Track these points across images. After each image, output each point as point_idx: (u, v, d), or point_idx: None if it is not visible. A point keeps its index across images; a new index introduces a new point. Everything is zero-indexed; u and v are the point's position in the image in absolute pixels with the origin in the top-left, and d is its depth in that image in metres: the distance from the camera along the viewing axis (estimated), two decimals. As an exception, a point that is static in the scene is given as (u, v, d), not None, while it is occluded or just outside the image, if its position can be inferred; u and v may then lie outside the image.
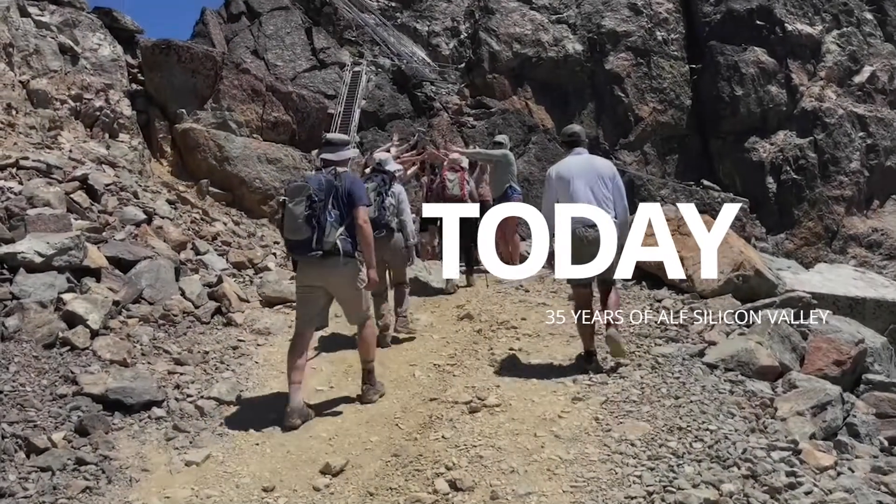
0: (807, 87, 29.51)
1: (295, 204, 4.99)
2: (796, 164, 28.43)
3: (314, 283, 5.32)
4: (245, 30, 27.17)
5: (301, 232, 5.02)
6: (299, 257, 5.23)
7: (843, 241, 28.14)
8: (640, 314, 7.39)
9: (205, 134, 13.88)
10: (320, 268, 5.19)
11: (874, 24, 31.31)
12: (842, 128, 29.02)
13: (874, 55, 30.56)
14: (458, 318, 7.65)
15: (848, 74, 30.09)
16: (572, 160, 6.07)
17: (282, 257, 10.20)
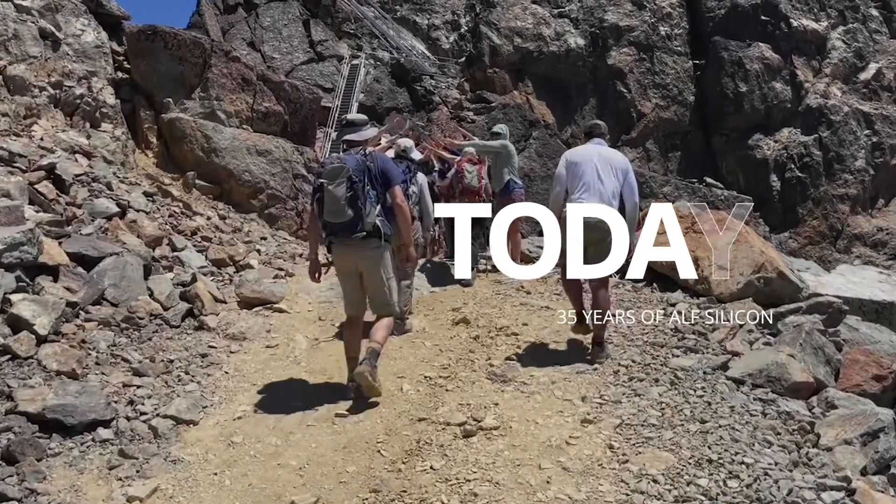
0: (812, 83, 28.68)
1: (336, 186, 4.81)
2: (801, 161, 27.62)
3: (350, 268, 5.14)
4: (241, 21, 26.39)
5: (344, 214, 4.84)
6: (341, 240, 5.01)
7: (848, 240, 27.35)
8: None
9: (192, 124, 13.07)
10: (359, 249, 5.01)
11: (880, 21, 30.45)
12: (847, 125, 28.20)
13: (880, 52, 29.72)
14: (454, 322, 6.89)
15: (853, 71, 29.26)
16: (588, 147, 5.99)
17: (265, 254, 9.45)
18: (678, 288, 7.74)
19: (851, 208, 27.77)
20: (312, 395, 5.34)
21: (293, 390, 5.46)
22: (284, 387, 5.53)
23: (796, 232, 27.14)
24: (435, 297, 8.12)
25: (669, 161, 28.11)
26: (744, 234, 7.62)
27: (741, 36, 28.45)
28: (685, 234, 8.04)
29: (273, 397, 5.33)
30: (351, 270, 5.17)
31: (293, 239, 12.25)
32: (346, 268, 5.20)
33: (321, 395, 5.33)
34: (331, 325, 6.99)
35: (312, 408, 5.10)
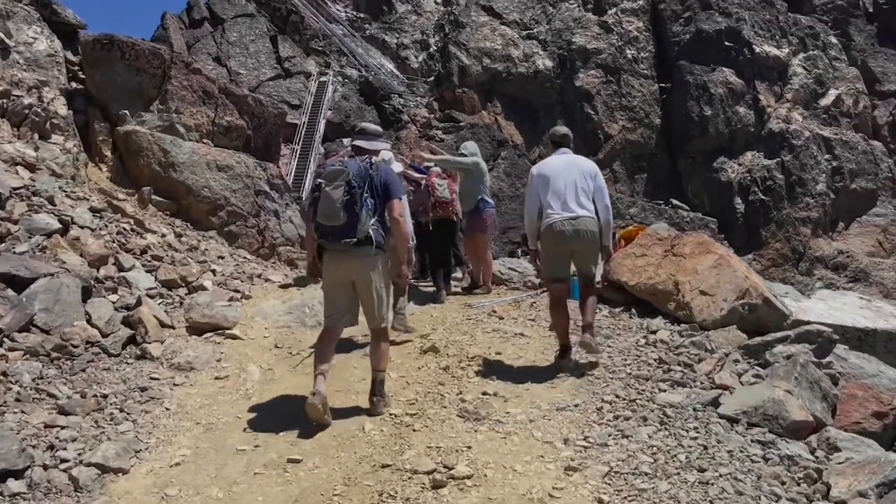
0: (774, 108, 28.86)
1: (333, 188, 4.65)
2: (764, 184, 27.68)
3: (341, 275, 4.90)
4: (207, 36, 25.68)
5: (337, 217, 4.66)
6: (331, 245, 4.81)
7: (810, 262, 27.40)
8: (632, 348, 6.13)
9: (148, 137, 12.33)
10: (350, 257, 4.81)
11: (839, 49, 30.84)
12: (808, 150, 28.38)
13: (839, 79, 30.06)
14: (422, 350, 6.29)
15: (814, 97, 29.54)
16: (555, 159, 5.85)
17: (221, 274, 8.76)
18: (658, 313, 7.27)
19: (813, 231, 27.87)
20: (263, 436, 4.70)
21: (241, 430, 4.81)
22: (232, 426, 4.89)
23: (760, 254, 27.11)
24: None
25: (636, 183, 27.95)
26: (726, 257, 7.19)
27: (706, 61, 28.55)
28: (664, 257, 7.63)
29: (218, 439, 4.68)
30: (341, 279, 4.91)
31: (253, 258, 11.56)
32: (336, 276, 4.93)
33: (273, 436, 4.69)
34: (287, 353, 6.36)
35: (262, 452, 4.46)
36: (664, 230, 7.85)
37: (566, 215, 5.50)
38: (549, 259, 5.80)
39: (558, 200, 5.53)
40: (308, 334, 6.96)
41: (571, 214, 5.50)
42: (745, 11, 29.48)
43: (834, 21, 31.81)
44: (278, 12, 27.63)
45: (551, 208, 5.56)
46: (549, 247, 5.71)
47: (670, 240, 7.66)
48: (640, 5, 29.38)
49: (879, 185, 28.98)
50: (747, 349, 6.24)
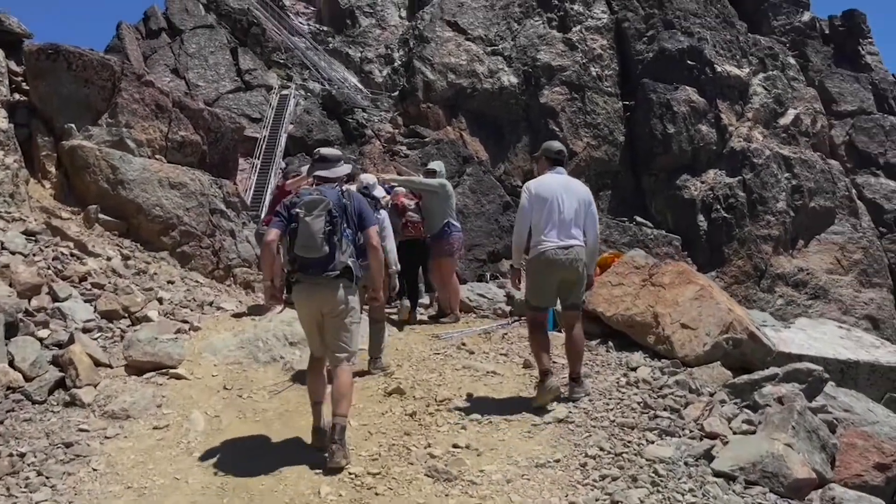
0: (735, 127, 28.98)
1: (314, 218, 4.41)
2: (726, 202, 27.71)
3: (315, 308, 4.60)
4: (165, 47, 24.89)
5: (318, 249, 4.42)
6: (310, 278, 4.52)
7: (771, 279, 27.46)
8: (613, 389, 5.65)
9: (96, 153, 11.57)
10: (327, 290, 4.53)
11: (797, 69, 31.18)
12: (769, 168, 28.53)
13: (798, 98, 30.35)
14: (385, 392, 5.73)
15: (773, 116, 29.75)
16: (552, 179, 5.52)
17: (170, 302, 8.08)
18: (636, 346, 6.83)
19: (774, 249, 27.95)
20: (203, 501, 4.09)
21: (180, 495, 4.19)
22: (169, 490, 4.26)
23: (723, 271, 27.07)
24: (364, 355, 6.93)
25: (601, 200, 27.72)
26: (707, 288, 6.77)
27: (669, 79, 28.57)
28: (642, 286, 7.19)
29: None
30: (314, 312, 4.62)
31: (206, 281, 10.87)
32: (309, 310, 4.64)
33: (216, 501, 4.08)
34: (237, 395, 5.73)
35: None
36: (641, 258, 7.43)
37: (560, 244, 5.26)
38: (537, 287, 5.47)
39: (553, 227, 5.27)
40: (261, 372, 6.36)
41: (565, 244, 5.27)
42: (707, 31, 29.62)
43: (792, 42, 32.18)
44: (239, 24, 26.93)
45: (545, 234, 5.28)
46: (539, 275, 5.41)
47: (648, 268, 7.24)
48: (604, 23, 29.32)
49: (837, 203, 29.23)
50: (733, 388, 5.81)
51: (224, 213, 12.56)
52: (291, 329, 7.01)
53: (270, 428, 5.13)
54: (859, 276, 28.26)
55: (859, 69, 32.22)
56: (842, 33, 32.96)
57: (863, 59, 32.44)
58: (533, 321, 5.54)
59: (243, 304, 9.13)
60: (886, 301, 28.01)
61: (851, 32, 32.85)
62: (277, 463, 4.45)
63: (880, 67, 32.66)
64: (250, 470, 4.35)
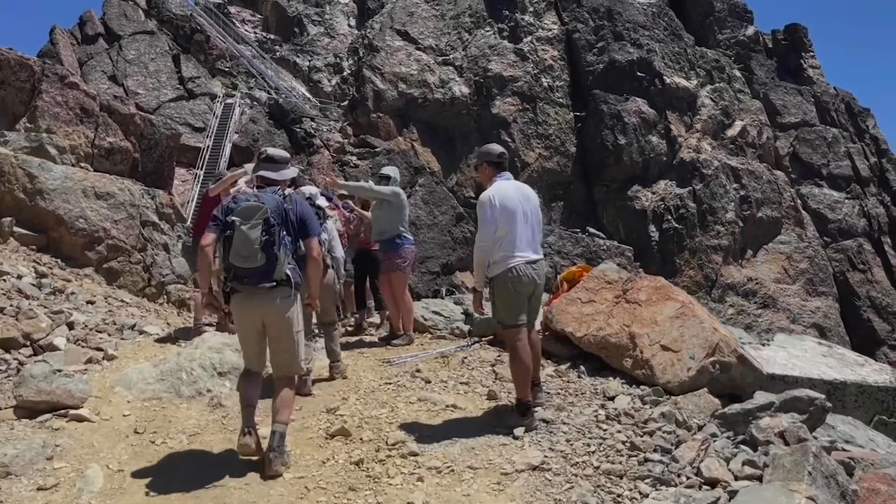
0: (685, 138, 28.84)
1: (250, 227, 4.16)
2: (677, 213, 27.47)
3: (254, 321, 4.37)
4: (102, 53, 23.49)
5: (255, 259, 4.18)
6: (246, 287, 4.27)
7: (722, 289, 27.27)
8: (592, 425, 4.84)
9: (11, 160, 10.38)
10: (266, 299, 4.29)
11: (743, 82, 31.29)
12: (717, 179, 28.43)
13: (744, 111, 30.42)
14: (328, 433, 4.81)
15: (721, 128, 29.73)
16: (511, 187, 4.98)
17: (84, 326, 7.01)
18: (611, 371, 6.06)
19: (724, 259, 27.80)
20: None
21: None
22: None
23: (675, 281, 26.60)
24: (323, 362, 6.02)
25: (553, 211, 27.21)
26: (689, 305, 6.05)
27: (619, 90, 28.29)
28: (616, 304, 6.43)
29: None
30: (254, 323, 4.38)
31: (135, 300, 9.76)
32: (248, 320, 4.39)
33: None
34: (149, 442, 4.73)
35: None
36: (613, 272, 6.67)
37: (528, 258, 4.85)
38: (510, 302, 4.86)
39: (521, 240, 4.84)
40: (182, 410, 5.37)
41: (532, 258, 4.89)
42: (656, 43, 29.47)
43: (737, 55, 32.32)
44: (181, 31, 25.66)
45: (513, 249, 4.82)
46: (510, 291, 4.84)
47: (622, 283, 6.49)
48: (554, 34, 28.92)
49: (783, 213, 29.30)
50: (724, 420, 5.08)
51: (157, 225, 11.47)
52: (220, 357, 6.05)
53: (186, 484, 4.16)
54: (806, 285, 28.31)
55: (802, 82, 32.53)
56: (785, 47, 33.28)
57: (805, 73, 32.78)
58: (515, 343, 4.83)
59: (171, 325, 8.09)
60: (832, 310, 28.10)
61: (794, 46, 33.20)
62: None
63: (822, 80, 33.04)
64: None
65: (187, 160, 21.31)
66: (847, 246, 29.68)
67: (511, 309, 4.83)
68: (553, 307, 6.71)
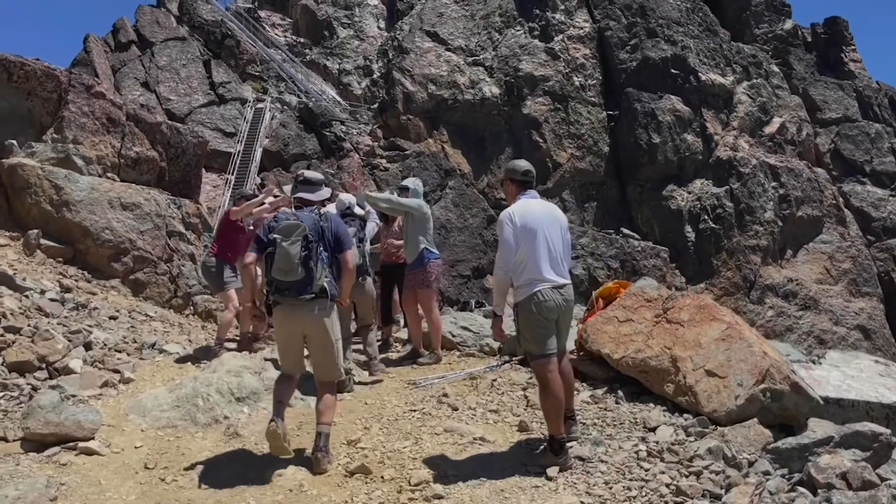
0: (721, 136, 28.02)
1: (290, 243, 4.50)
2: (714, 212, 26.69)
3: (294, 330, 4.69)
4: (135, 60, 23.54)
5: (295, 273, 4.51)
6: (287, 300, 4.59)
7: (761, 291, 26.43)
8: (632, 463, 4.43)
9: (38, 172, 10.27)
10: (306, 311, 4.60)
11: (781, 77, 30.33)
12: (755, 177, 27.57)
13: (783, 107, 29.47)
14: (347, 470, 4.47)
15: (759, 125, 28.83)
16: (535, 206, 4.69)
17: (102, 345, 6.79)
18: (650, 396, 5.64)
19: (762, 259, 26.96)
20: None
21: None
22: None
23: (712, 283, 26.03)
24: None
25: (586, 212, 26.67)
26: (735, 326, 5.59)
27: (653, 88, 27.60)
28: (655, 323, 6.00)
29: None
30: (295, 333, 4.70)
31: (159, 313, 9.55)
32: (289, 330, 4.71)
33: None
34: (159, 480, 4.44)
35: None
36: (652, 289, 6.24)
37: (554, 282, 4.51)
38: (537, 330, 4.49)
39: (545, 263, 4.50)
40: (197, 440, 5.09)
41: (559, 283, 4.54)
42: (690, 39, 28.70)
43: (774, 50, 31.36)
44: (212, 36, 25.64)
45: (537, 272, 4.48)
46: (536, 318, 4.48)
47: (662, 301, 6.05)
48: (586, 32, 28.33)
49: (824, 212, 28.33)
50: (778, 455, 4.64)
51: (183, 235, 11.28)
52: (239, 381, 5.76)
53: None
54: (849, 285, 27.32)
55: (843, 76, 31.42)
56: (825, 41, 32.19)
57: (846, 67, 31.67)
58: (545, 375, 4.44)
59: (193, 343, 7.85)
60: (877, 311, 27.08)
61: (834, 40, 32.10)
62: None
63: (864, 74, 31.90)
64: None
65: (218, 165, 21.25)
66: (892, 245, 28.57)
67: (538, 338, 4.44)
68: (588, 325, 6.31)
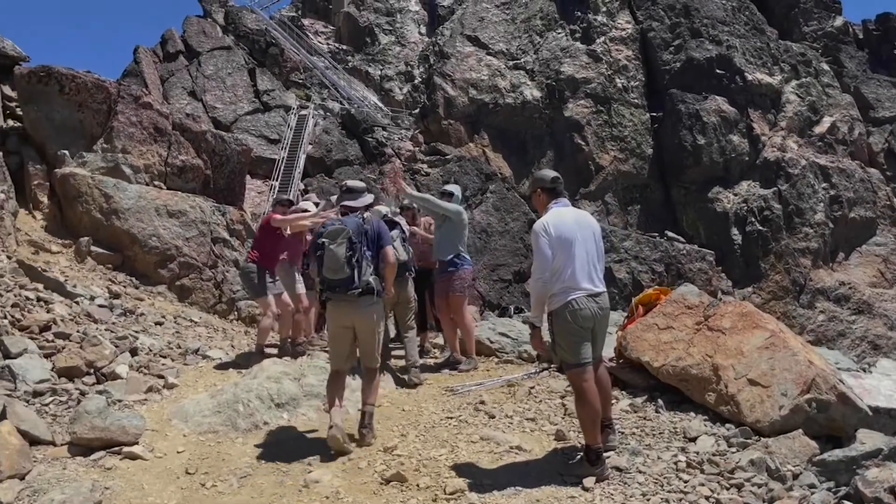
0: (768, 136, 27.39)
1: (337, 245, 5.03)
2: (761, 214, 26.09)
3: (345, 323, 5.22)
4: (182, 69, 24.08)
5: (342, 271, 5.03)
6: (337, 296, 5.12)
7: (811, 294, 25.72)
8: (671, 474, 4.34)
9: (88, 181, 10.59)
10: (354, 306, 5.13)
11: (831, 76, 29.52)
12: (805, 178, 26.88)
13: (833, 106, 28.67)
14: (383, 478, 4.48)
15: (808, 125, 28.10)
16: (568, 215, 4.64)
17: (148, 351, 6.95)
18: (691, 405, 5.52)
19: (813, 262, 26.25)
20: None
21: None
22: None
23: (759, 287, 25.44)
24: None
25: (629, 214, 26.34)
26: (779, 335, 5.43)
27: (697, 89, 27.15)
28: (696, 331, 5.88)
29: None
30: (345, 325, 5.22)
31: (204, 318, 9.75)
32: (340, 323, 5.23)
33: None
34: (199, 485, 4.51)
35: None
36: (694, 296, 6.11)
37: (589, 291, 4.46)
38: (572, 339, 4.43)
39: (581, 272, 4.46)
40: (238, 445, 5.16)
41: (594, 291, 4.49)
42: (736, 39, 28.13)
43: (824, 48, 30.55)
44: (257, 45, 26.10)
45: (574, 281, 4.44)
46: (571, 326, 4.42)
47: (703, 309, 5.93)
48: (628, 34, 28.01)
49: (878, 213, 27.47)
50: (824, 468, 4.50)
51: (227, 241, 11.50)
52: (279, 388, 5.83)
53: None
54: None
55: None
56: (877, 37, 31.21)
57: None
58: (581, 384, 4.37)
59: (235, 348, 7.97)
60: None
61: (887, 36, 31.09)
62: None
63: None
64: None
65: (263, 172, 21.60)
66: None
67: (573, 346, 4.39)
68: (628, 333, 6.22)
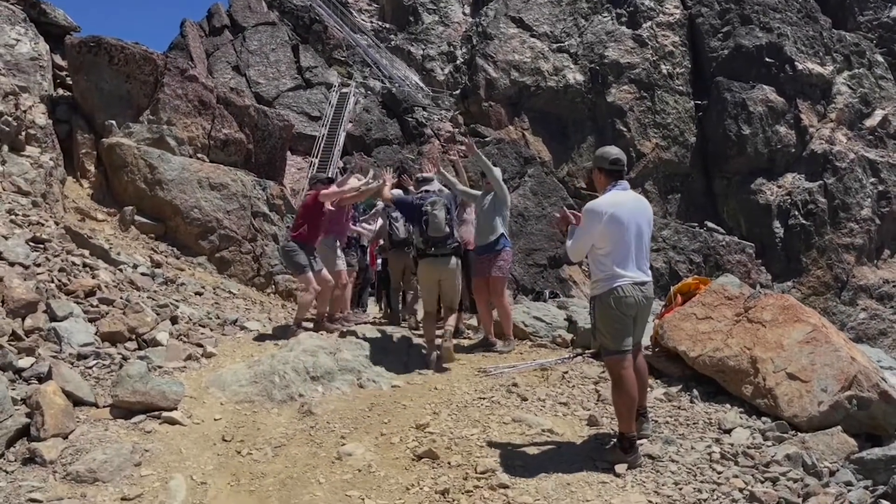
0: (816, 128, 26.70)
1: (438, 209, 6.31)
2: (805, 208, 25.51)
3: (434, 276, 6.48)
4: (227, 44, 24.29)
5: (443, 230, 6.31)
6: (438, 250, 6.38)
7: (853, 291, 25.15)
8: (704, 464, 4.30)
9: (134, 151, 10.78)
10: (442, 262, 6.41)
11: (885, 67, 28.59)
12: (853, 173, 26.17)
13: (886, 98, 27.80)
14: (415, 454, 4.52)
15: (859, 117, 27.30)
16: (626, 199, 4.46)
17: (188, 320, 7.06)
18: (727, 397, 5.45)
19: (857, 258, 25.62)
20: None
21: None
22: None
23: (800, 282, 24.95)
24: (397, 395, 5.75)
25: (669, 203, 25.97)
26: (821, 329, 5.32)
27: (745, 77, 26.54)
28: (736, 322, 5.79)
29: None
30: (434, 279, 6.51)
31: (242, 291, 9.89)
32: (431, 276, 6.52)
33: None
34: (235, 452, 4.60)
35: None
36: (734, 286, 6.01)
37: (637, 279, 4.37)
38: (615, 326, 4.38)
39: (629, 258, 4.37)
40: (273, 416, 5.24)
41: (640, 279, 4.39)
42: (788, 27, 27.38)
43: (880, 39, 29.58)
44: (301, 21, 26.19)
45: (622, 267, 4.34)
46: (614, 313, 4.35)
47: (743, 300, 5.83)
48: (676, 19, 27.44)
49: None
50: (862, 466, 4.39)
51: (267, 216, 11.62)
52: (314, 361, 5.91)
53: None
54: (952, 289, 25.65)
55: (955, 67, 29.37)
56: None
57: (959, 57, 29.56)
58: (620, 372, 4.33)
59: (273, 321, 8.08)
60: (982, 317, 25.32)
61: (947, 28, 29.98)
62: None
63: (979, 65, 29.69)
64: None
65: (303, 148, 21.75)
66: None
67: (615, 333, 4.34)
68: (665, 321, 6.14)
